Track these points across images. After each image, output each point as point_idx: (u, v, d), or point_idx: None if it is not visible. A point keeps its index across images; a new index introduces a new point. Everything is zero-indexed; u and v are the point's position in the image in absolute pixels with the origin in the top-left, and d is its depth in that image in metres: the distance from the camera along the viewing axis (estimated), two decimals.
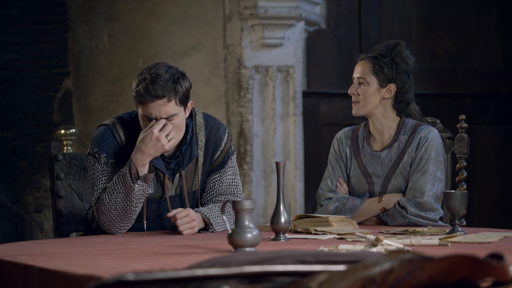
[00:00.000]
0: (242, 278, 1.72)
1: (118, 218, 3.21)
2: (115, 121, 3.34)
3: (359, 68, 3.58)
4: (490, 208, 6.76)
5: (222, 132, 3.40)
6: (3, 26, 6.51)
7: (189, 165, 3.33)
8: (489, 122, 6.79)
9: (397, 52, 3.55)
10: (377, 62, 3.53)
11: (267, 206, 6.12)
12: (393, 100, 3.57)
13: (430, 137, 3.52)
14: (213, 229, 3.26)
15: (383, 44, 3.60)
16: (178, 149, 3.30)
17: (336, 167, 3.64)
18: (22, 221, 6.41)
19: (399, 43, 3.58)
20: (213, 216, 3.25)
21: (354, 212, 3.50)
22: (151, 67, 3.19)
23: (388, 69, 3.53)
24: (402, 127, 3.57)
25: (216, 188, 3.37)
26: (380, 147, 3.59)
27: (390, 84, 3.54)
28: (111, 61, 6.48)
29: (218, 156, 3.38)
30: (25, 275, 2.38)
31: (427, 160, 3.49)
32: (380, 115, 3.58)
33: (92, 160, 3.28)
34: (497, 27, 6.83)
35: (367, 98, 3.54)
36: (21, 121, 6.55)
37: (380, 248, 2.41)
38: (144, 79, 3.15)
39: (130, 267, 2.21)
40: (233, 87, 6.18)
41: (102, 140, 3.29)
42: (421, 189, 3.45)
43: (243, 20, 6.14)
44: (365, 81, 3.54)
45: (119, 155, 3.28)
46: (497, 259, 1.71)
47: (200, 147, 3.35)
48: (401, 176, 3.53)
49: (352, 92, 3.57)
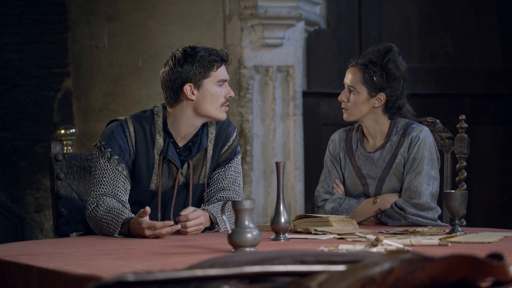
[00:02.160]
0: (242, 278, 1.72)
1: (107, 230, 3.21)
2: (128, 117, 3.37)
3: (350, 75, 3.55)
4: (490, 208, 6.76)
5: (231, 129, 3.47)
6: (3, 26, 6.51)
7: (198, 156, 3.36)
8: (489, 122, 6.79)
9: (388, 59, 3.50)
10: (367, 71, 3.49)
11: (267, 206, 6.12)
12: (384, 107, 3.55)
13: (422, 136, 3.50)
14: (218, 229, 3.27)
15: (375, 48, 3.53)
16: (190, 140, 3.33)
17: (332, 168, 3.64)
18: (22, 221, 6.41)
19: (391, 49, 3.52)
20: (220, 216, 3.27)
21: (350, 213, 3.51)
22: (185, 48, 3.32)
23: (378, 78, 3.49)
24: (393, 127, 3.56)
25: (219, 183, 3.40)
26: (373, 149, 3.59)
27: (380, 93, 3.51)
28: (111, 61, 6.48)
29: (226, 151, 3.42)
30: (25, 275, 2.38)
31: (420, 160, 3.48)
32: (370, 121, 3.57)
33: (97, 153, 3.31)
34: (497, 27, 6.83)
35: (357, 107, 3.52)
36: (21, 121, 6.55)
37: (380, 248, 2.41)
38: (200, 50, 3.31)
39: (130, 267, 2.21)
40: (233, 87, 6.18)
41: (111, 135, 3.32)
42: (417, 190, 3.45)
43: (243, 20, 6.14)
44: (355, 90, 3.52)
45: (124, 152, 3.30)
46: (497, 259, 1.71)
47: (210, 139, 3.40)
48: (395, 177, 3.52)
49: (342, 100, 3.56)
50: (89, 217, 3.27)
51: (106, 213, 3.19)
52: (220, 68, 3.37)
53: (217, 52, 3.34)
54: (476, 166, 6.45)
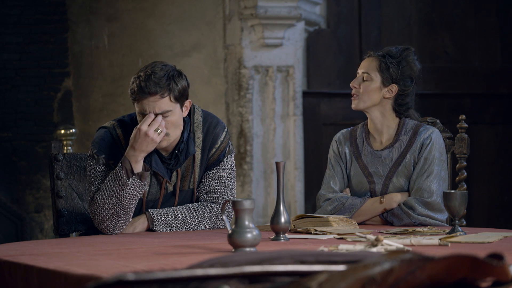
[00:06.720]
0: (242, 278, 1.72)
1: (112, 217, 3.22)
2: (115, 123, 3.37)
3: (366, 63, 3.59)
4: (490, 208, 6.76)
5: (219, 130, 3.42)
6: (3, 26, 6.51)
7: (186, 162, 3.36)
8: (489, 122, 6.79)
9: (405, 56, 3.56)
10: (384, 61, 3.55)
11: (267, 206, 6.12)
12: (393, 102, 3.57)
13: (433, 138, 3.53)
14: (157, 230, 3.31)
15: (393, 46, 3.62)
16: (176, 148, 3.32)
17: (337, 167, 3.64)
18: (22, 221, 6.41)
19: (409, 48, 3.60)
20: (158, 215, 3.30)
21: (353, 212, 3.50)
22: (147, 65, 3.26)
23: (394, 69, 3.54)
24: (402, 127, 3.58)
25: (206, 185, 3.40)
26: (380, 147, 3.60)
27: (393, 84, 3.55)
28: (111, 61, 6.48)
29: (214, 153, 3.40)
30: (25, 275, 2.38)
31: (432, 161, 3.50)
32: (379, 113, 3.58)
33: (91, 161, 3.30)
34: (497, 27, 6.83)
35: (368, 93, 3.55)
36: (21, 121, 6.55)
37: (380, 248, 2.41)
38: (139, 77, 3.22)
39: (130, 267, 2.21)
40: (233, 87, 6.18)
41: (102, 142, 3.31)
42: (429, 189, 3.46)
43: (243, 20, 6.14)
44: (369, 76, 3.55)
45: (118, 157, 3.29)
46: (497, 259, 1.71)
47: (198, 144, 3.38)
48: (402, 175, 3.53)
49: (354, 85, 3.58)
50: (91, 207, 3.25)
51: (105, 189, 3.22)
52: (138, 103, 3.23)
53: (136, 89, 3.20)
54: (476, 166, 6.45)
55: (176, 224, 3.31)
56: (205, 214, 3.36)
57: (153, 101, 3.19)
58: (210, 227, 3.37)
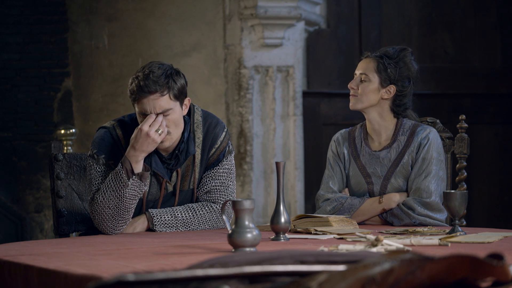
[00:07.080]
0: (242, 278, 1.72)
1: (112, 218, 3.23)
2: (115, 123, 3.37)
3: (363, 64, 3.59)
4: (490, 208, 6.76)
5: (219, 130, 3.42)
6: (3, 26, 6.51)
7: (187, 162, 3.36)
8: (489, 122, 6.79)
9: (402, 56, 3.56)
10: (381, 62, 3.54)
11: (267, 206, 6.12)
12: (391, 103, 3.57)
13: (431, 138, 3.53)
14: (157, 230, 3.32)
15: (389, 47, 3.62)
16: (176, 148, 3.32)
17: (336, 167, 3.64)
18: (22, 221, 6.41)
19: (406, 48, 3.60)
20: (158, 215, 3.30)
21: (352, 212, 3.51)
22: (144, 66, 3.26)
23: (392, 70, 3.54)
24: (400, 128, 3.58)
25: (206, 185, 3.40)
26: (378, 147, 3.60)
27: (391, 85, 3.55)
28: (111, 61, 6.48)
29: (213, 153, 3.40)
30: (25, 275, 2.38)
31: (430, 161, 3.50)
32: (376, 114, 3.58)
33: (91, 161, 3.30)
34: (497, 27, 6.83)
35: (366, 94, 3.55)
36: (21, 121, 6.55)
37: (380, 248, 2.41)
38: (137, 77, 3.22)
39: (130, 267, 2.21)
40: (233, 87, 6.19)
41: (102, 142, 3.31)
42: (428, 190, 3.46)
43: (243, 20, 6.14)
44: (367, 77, 3.55)
45: (118, 157, 3.29)
46: (497, 259, 1.71)
47: (198, 144, 3.38)
48: (400, 176, 3.53)
49: (352, 87, 3.57)
50: (91, 207, 3.26)
51: (105, 189, 3.22)
52: (138, 103, 3.24)
53: (136, 89, 3.21)
54: (476, 166, 6.45)
55: (176, 224, 3.32)
56: (205, 214, 3.36)
57: (153, 99, 3.19)
58: (210, 227, 3.37)
